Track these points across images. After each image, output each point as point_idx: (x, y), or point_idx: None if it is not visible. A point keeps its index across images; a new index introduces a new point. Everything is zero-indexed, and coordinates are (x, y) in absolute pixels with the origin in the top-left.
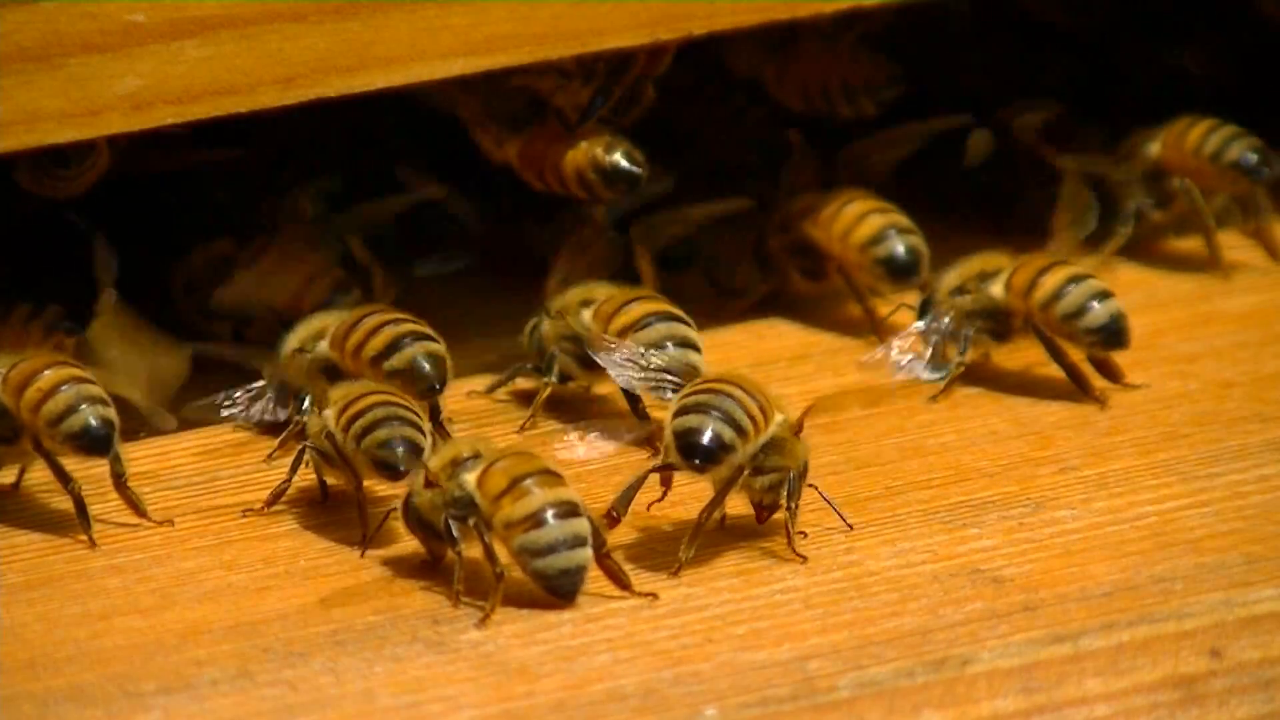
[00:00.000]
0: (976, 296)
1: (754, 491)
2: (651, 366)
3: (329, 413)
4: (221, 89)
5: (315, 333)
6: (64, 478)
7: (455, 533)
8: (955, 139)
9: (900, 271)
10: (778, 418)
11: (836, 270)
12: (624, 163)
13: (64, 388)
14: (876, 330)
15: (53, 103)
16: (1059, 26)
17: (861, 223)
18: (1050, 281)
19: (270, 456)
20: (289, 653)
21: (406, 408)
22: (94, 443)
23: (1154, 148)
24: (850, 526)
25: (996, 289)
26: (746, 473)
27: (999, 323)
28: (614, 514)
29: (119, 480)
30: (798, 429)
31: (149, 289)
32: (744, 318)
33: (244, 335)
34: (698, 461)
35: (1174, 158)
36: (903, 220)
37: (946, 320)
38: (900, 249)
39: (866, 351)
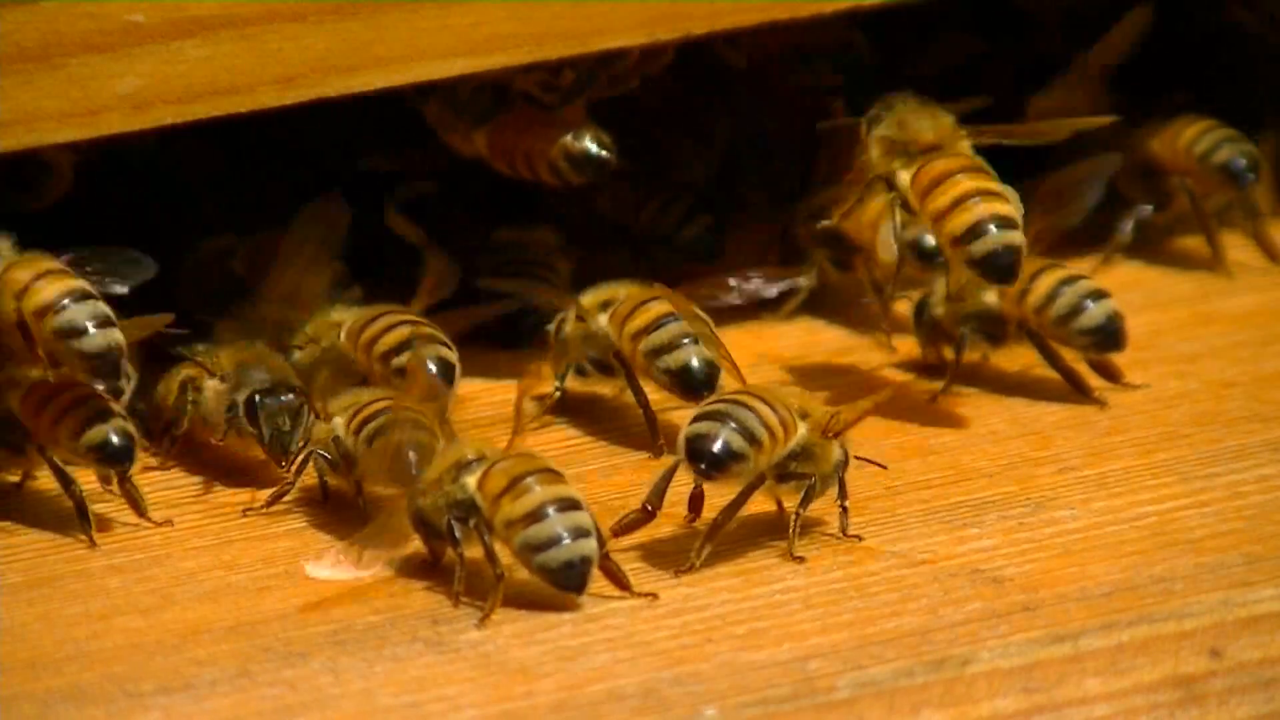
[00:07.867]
0: (972, 303)
1: (779, 496)
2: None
3: (338, 420)
4: (221, 89)
5: (331, 325)
6: (66, 481)
7: (457, 534)
8: None
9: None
10: (801, 429)
11: (864, 262)
12: (593, 148)
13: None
14: (886, 323)
15: (53, 103)
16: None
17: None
18: (1043, 285)
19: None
20: (289, 653)
21: (417, 413)
22: (115, 454)
23: (1152, 143)
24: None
25: (991, 296)
26: (771, 480)
27: (994, 327)
28: (649, 507)
29: (121, 478)
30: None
31: (151, 283)
32: (742, 319)
33: None
34: (703, 466)
35: (1167, 155)
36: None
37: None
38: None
39: (871, 351)
